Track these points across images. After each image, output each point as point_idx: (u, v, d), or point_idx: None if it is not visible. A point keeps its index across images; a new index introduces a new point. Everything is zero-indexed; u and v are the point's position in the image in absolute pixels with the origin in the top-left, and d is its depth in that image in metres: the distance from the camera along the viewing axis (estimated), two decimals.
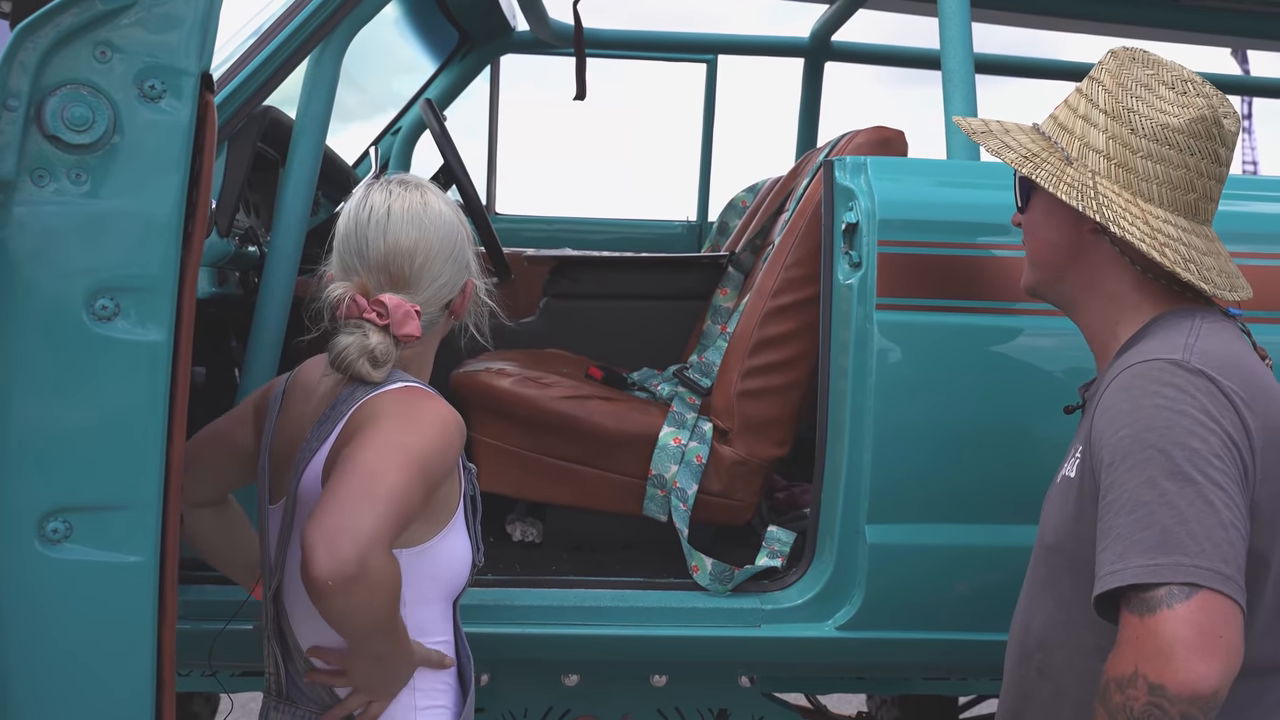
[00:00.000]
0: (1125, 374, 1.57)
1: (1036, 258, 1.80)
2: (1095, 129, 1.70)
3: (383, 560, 1.55)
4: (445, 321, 1.84)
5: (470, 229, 1.88)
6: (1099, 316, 1.74)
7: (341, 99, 2.37)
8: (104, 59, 1.38)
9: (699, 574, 2.41)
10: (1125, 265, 1.69)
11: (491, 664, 2.47)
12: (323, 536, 1.50)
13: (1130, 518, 1.46)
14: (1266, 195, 2.58)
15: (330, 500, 1.54)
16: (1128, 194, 1.66)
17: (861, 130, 2.78)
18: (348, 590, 1.51)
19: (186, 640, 2.25)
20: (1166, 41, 4.00)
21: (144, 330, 1.40)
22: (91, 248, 1.39)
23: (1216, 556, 1.41)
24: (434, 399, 1.74)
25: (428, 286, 1.77)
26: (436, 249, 1.77)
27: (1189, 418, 1.48)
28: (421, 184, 1.83)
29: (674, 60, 4.43)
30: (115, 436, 1.41)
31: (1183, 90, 1.68)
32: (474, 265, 1.85)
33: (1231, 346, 1.61)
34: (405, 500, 1.58)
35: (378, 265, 1.74)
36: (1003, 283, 2.25)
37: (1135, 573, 1.43)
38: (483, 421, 2.69)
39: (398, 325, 1.70)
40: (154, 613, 1.43)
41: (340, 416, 1.71)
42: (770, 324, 2.64)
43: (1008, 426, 2.29)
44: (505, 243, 3.59)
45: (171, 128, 1.40)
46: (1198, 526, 1.42)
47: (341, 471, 1.58)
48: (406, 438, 1.62)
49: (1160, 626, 1.39)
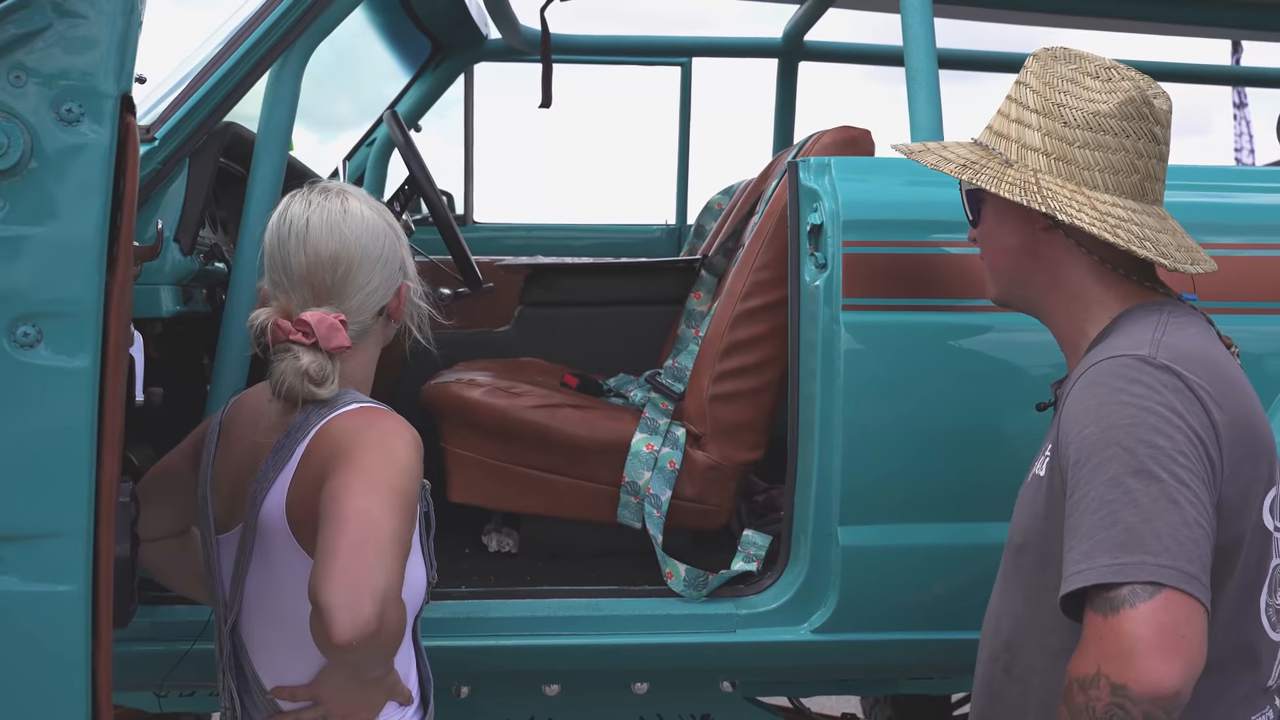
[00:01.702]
0: (1091, 371, 1.57)
1: (997, 267, 1.80)
2: (1030, 129, 1.70)
3: (397, 608, 1.54)
4: (383, 326, 1.82)
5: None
6: (1065, 315, 1.73)
7: (318, 111, 2.37)
8: (19, 83, 1.36)
9: (673, 580, 2.40)
10: (1083, 258, 1.69)
11: (471, 676, 2.46)
12: (345, 599, 1.47)
13: (1095, 516, 1.45)
14: (1255, 186, 2.58)
15: (337, 557, 1.50)
16: (1071, 185, 1.66)
17: (828, 130, 2.77)
18: (369, 646, 1.49)
19: (158, 661, 2.25)
20: (1155, 34, 4.02)
21: (69, 357, 1.38)
22: (11, 274, 1.37)
23: (1180, 555, 1.40)
24: (393, 419, 1.71)
25: (354, 295, 1.75)
26: (359, 256, 1.74)
27: (1154, 414, 1.47)
28: (344, 190, 1.80)
29: (649, 64, 4.43)
30: (43, 465, 1.39)
31: (1107, 78, 1.69)
32: (409, 267, 1.82)
33: (1197, 340, 1.60)
34: (405, 540, 1.57)
35: (301, 279, 1.72)
36: (969, 280, 2.24)
37: (1099, 572, 1.42)
38: (455, 433, 2.68)
39: (325, 340, 1.68)
40: (87, 642, 1.41)
41: (296, 444, 1.69)
42: (740, 327, 2.63)
43: (978, 425, 2.28)
44: (485, 252, 3.59)
45: (91, 151, 1.38)
46: (1162, 525, 1.41)
47: (336, 521, 1.54)
48: (388, 472, 1.60)
49: (1123, 626, 1.38)
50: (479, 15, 3.93)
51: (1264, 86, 4.72)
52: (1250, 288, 2.30)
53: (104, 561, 1.41)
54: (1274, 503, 1.57)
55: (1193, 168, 2.49)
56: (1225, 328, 1.73)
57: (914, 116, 2.42)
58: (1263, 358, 2.29)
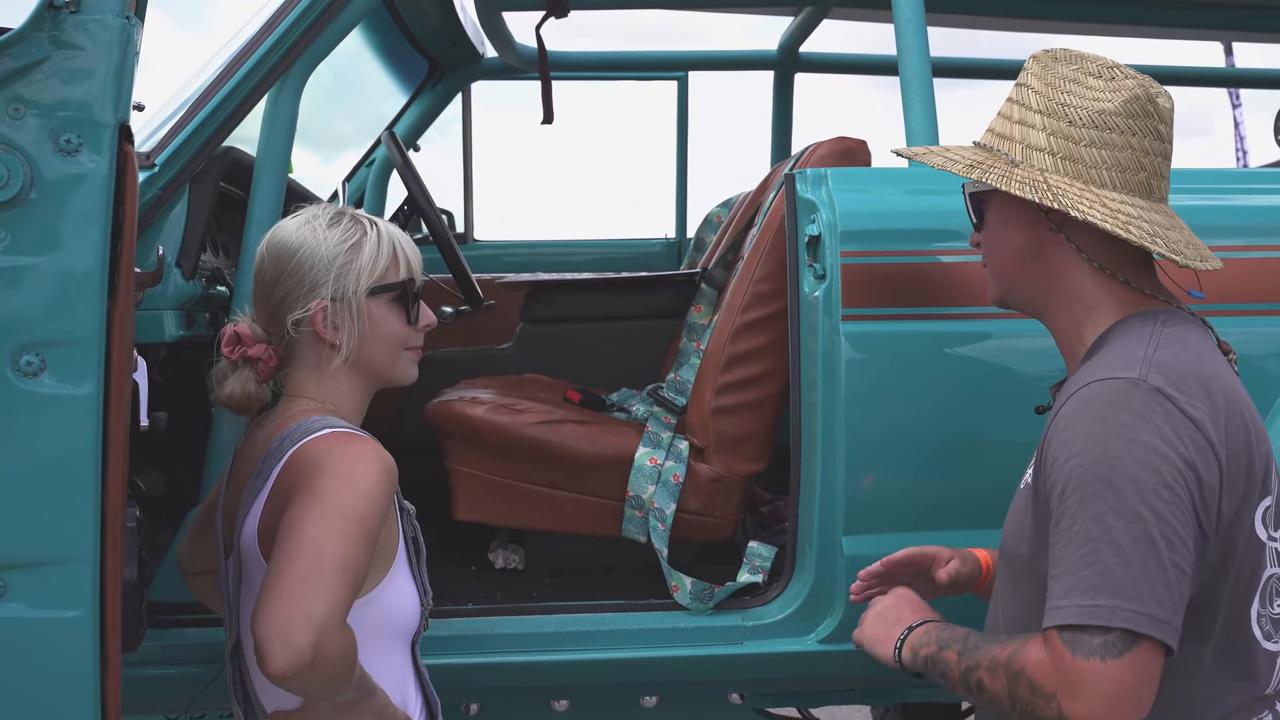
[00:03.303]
0: (1081, 393, 1.56)
1: (1000, 268, 1.79)
2: (1034, 130, 1.69)
3: (338, 638, 1.55)
4: (315, 343, 1.81)
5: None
6: (1065, 318, 1.73)
7: (317, 133, 2.38)
8: (17, 115, 1.37)
9: (679, 594, 2.40)
10: (1083, 263, 1.69)
11: (480, 693, 2.46)
12: (277, 630, 1.50)
13: (1077, 553, 1.48)
14: (1255, 188, 2.58)
15: (276, 585, 1.54)
16: (1079, 184, 1.65)
17: (825, 141, 2.78)
18: (306, 676, 1.52)
19: (169, 684, 2.26)
20: (1152, 38, 4.03)
21: (73, 385, 1.39)
22: (13, 304, 1.39)
23: (1153, 600, 1.44)
24: (362, 444, 1.71)
25: (264, 306, 1.82)
26: (271, 272, 1.81)
27: (1141, 445, 1.48)
28: (298, 210, 1.85)
29: (645, 79, 4.44)
30: (48, 491, 1.40)
31: (1110, 77, 1.68)
32: (344, 287, 1.79)
33: (1191, 351, 1.59)
34: (354, 569, 1.58)
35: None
36: (969, 289, 2.24)
37: (1076, 613, 1.46)
38: (458, 450, 2.69)
39: (225, 346, 1.81)
40: (95, 667, 1.42)
41: (270, 470, 1.71)
42: (741, 339, 2.64)
43: (980, 433, 2.29)
44: (486, 269, 3.60)
45: (90, 181, 1.39)
46: (1139, 568, 1.44)
47: (284, 548, 1.57)
48: (344, 498, 1.61)
49: (1090, 674, 1.44)
50: (475, 34, 3.95)
51: (1257, 88, 4.74)
52: (1248, 289, 2.30)
53: (111, 586, 1.42)
54: (1266, 512, 1.58)
55: (1189, 170, 2.49)
56: (1224, 330, 1.73)
57: (909, 125, 2.43)
58: (1263, 359, 2.30)
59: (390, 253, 1.83)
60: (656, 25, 18.65)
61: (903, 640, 1.74)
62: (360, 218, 1.85)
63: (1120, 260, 1.67)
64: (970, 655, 1.60)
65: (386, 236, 1.84)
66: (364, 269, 1.80)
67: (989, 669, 1.55)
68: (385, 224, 1.87)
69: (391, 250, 1.83)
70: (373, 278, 1.80)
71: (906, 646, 1.73)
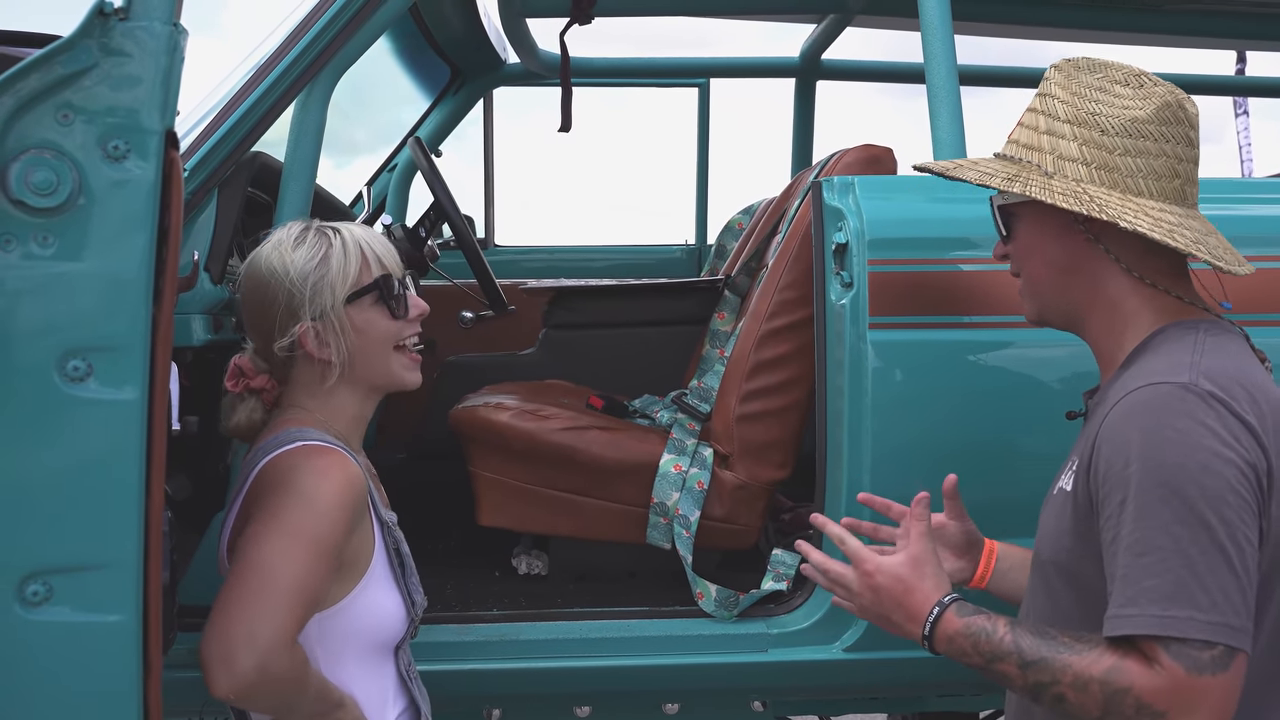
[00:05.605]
0: (1130, 398, 1.53)
1: (1036, 281, 1.76)
2: (1064, 140, 1.68)
3: (284, 659, 1.56)
4: (309, 365, 1.82)
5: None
6: (1104, 328, 1.71)
7: (340, 137, 2.39)
8: (66, 121, 1.38)
9: (704, 600, 2.40)
10: (1121, 273, 1.68)
11: (502, 699, 2.46)
12: (219, 652, 1.53)
13: (1142, 561, 1.45)
14: (1267, 198, 2.57)
15: (225, 606, 1.56)
16: (1117, 193, 1.64)
17: (850, 149, 2.78)
18: (252, 697, 1.55)
19: (198, 688, 2.26)
20: (1156, 46, 4.02)
21: (117, 390, 1.39)
22: (61, 310, 1.39)
23: (1229, 610, 1.42)
24: (327, 458, 1.71)
25: (257, 338, 1.86)
26: (253, 305, 1.84)
27: (1203, 450, 1.45)
28: (276, 233, 1.86)
29: (667, 85, 4.45)
30: (92, 496, 1.41)
31: (1138, 84, 1.67)
32: (321, 304, 1.80)
33: (1235, 359, 1.58)
34: (306, 589, 1.60)
35: None
36: (995, 297, 2.24)
37: (1148, 622, 1.43)
38: (482, 456, 2.69)
39: (229, 380, 1.85)
40: (138, 671, 1.42)
41: (245, 482, 1.74)
42: (766, 347, 2.64)
43: (1005, 441, 2.28)
44: (507, 275, 3.61)
45: (137, 187, 1.40)
46: (1210, 579, 1.42)
47: (235, 569, 1.60)
48: (298, 515, 1.62)
49: (1206, 691, 1.42)
50: (498, 40, 3.96)
51: (1268, 96, 4.71)
52: (1275, 299, 2.30)
53: (153, 591, 1.43)
54: None
55: (1212, 180, 2.49)
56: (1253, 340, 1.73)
57: (936, 134, 2.43)
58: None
59: (358, 256, 1.82)
60: (676, 35, 18.63)
61: (932, 623, 1.68)
62: (324, 229, 1.85)
63: (1158, 269, 1.66)
64: (1039, 669, 1.52)
65: (351, 241, 1.83)
66: (336, 280, 1.80)
67: (1074, 686, 1.49)
68: (349, 228, 1.86)
69: (359, 253, 1.82)
70: (346, 286, 1.80)
71: (939, 637, 1.67)
